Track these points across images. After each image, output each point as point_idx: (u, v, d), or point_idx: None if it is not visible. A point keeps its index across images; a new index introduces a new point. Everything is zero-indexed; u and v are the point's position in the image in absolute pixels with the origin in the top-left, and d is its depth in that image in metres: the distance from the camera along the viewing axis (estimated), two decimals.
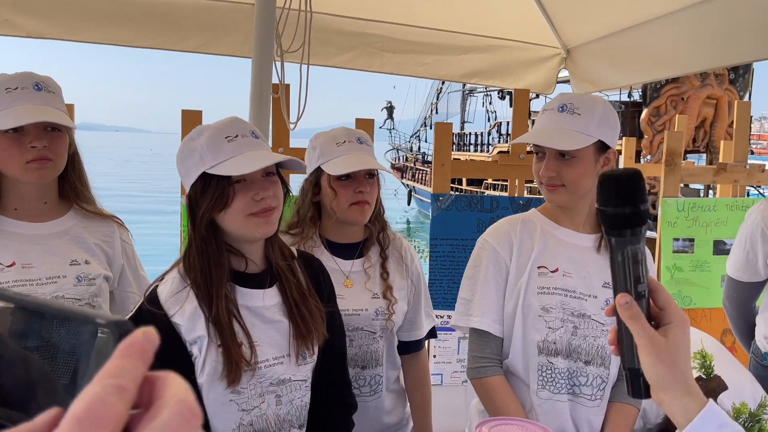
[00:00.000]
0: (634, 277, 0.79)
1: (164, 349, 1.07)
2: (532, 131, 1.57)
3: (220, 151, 1.24)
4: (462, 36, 3.54)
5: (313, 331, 1.35)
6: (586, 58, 3.53)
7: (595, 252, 1.62)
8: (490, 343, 1.62)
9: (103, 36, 3.11)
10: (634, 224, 0.78)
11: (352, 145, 1.73)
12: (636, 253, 0.79)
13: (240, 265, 1.33)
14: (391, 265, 1.82)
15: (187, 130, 2.55)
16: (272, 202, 1.28)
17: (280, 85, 2.08)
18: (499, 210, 2.68)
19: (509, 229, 1.65)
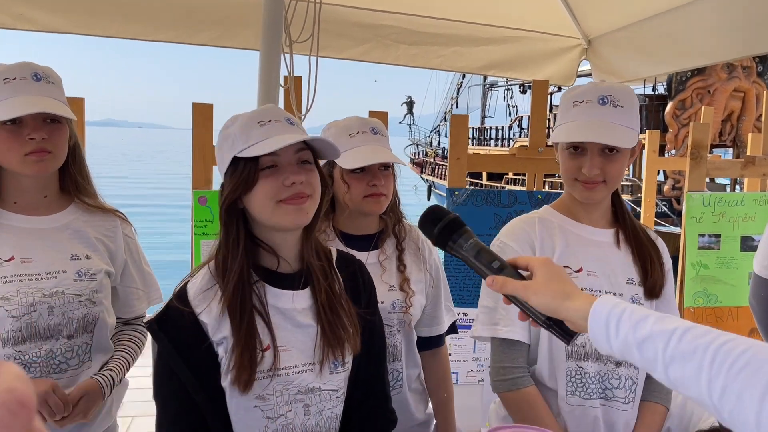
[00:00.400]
0: (485, 263, 1.03)
1: (192, 348, 0.98)
2: (575, 126, 1.45)
3: (250, 135, 1.19)
4: (479, 27, 3.46)
5: (344, 340, 1.27)
6: (608, 48, 3.43)
7: (615, 247, 1.55)
8: (519, 352, 1.52)
9: (116, 30, 3.10)
10: (446, 238, 1.06)
11: (366, 136, 1.67)
12: (471, 249, 1.04)
13: (272, 263, 1.26)
14: (407, 258, 1.76)
15: (199, 123, 2.55)
16: (305, 188, 1.20)
17: (289, 76, 2.02)
18: (517, 205, 2.60)
19: (527, 229, 1.56)
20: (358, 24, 3.26)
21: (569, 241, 1.53)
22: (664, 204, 13.59)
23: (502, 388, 1.52)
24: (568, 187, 1.53)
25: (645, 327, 0.87)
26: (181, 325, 1.19)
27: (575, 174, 1.48)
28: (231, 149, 1.20)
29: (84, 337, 1.56)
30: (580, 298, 0.97)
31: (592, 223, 1.56)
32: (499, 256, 1.05)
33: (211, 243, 2.45)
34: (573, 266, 1.50)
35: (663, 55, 3.07)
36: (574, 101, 1.46)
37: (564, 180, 1.52)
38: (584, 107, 1.44)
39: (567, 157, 1.49)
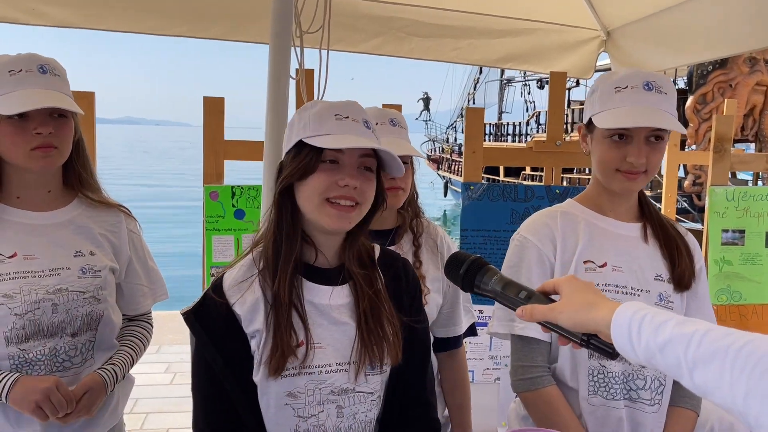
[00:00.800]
0: (513, 295, 1.03)
1: (226, 340, 0.96)
2: (623, 111, 1.38)
3: (323, 125, 1.17)
4: (495, 19, 3.39)
5: (384, 348, 1.23)
6: (627, 39, 3.35)
7: (642, 242, 1.49)
8: (539, 350, 1.47)
9: (128, 25, 3.08)
10: (472, 279, 1.08)
11: (384, 127, 1.64)
12: (497, 284, 1.06)
13: (310, 256, 1.23)
14: (424, 254, 1.72)
15: (210, 117, 2.53)
16: (357, 195, 1.17)
17: (299, 68, 1.98)
18: (534, 199, 2.54)
19: (549, 223, 1.50)
20: (371, 17, 3.21)
21: (593, 234, 1.47)
22: (685, 200, 13.39)
23: (521, 387, 1.47)
24: (605, 178, 1.46)
25: (665, 331, 0.84)
26: (216, 317, 1.18)
27: (618, 164, 1.41)
28: (301, 132, 1.18)
29: (87, 335, 1.53)
30: (604, 306, 0.93)
31: (619, 216, 1.50)
32: (525, 286, 1.04)
33: (223, 239, 2.42)
34: (596, 261, 1.44)
35: (685, 45, 2.98)
36: (616, 87, 1.40)
37: (602, 171, 1.45)
38: (629, 93, 1.38)
39: (609, 146, 1.42)
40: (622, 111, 1.37)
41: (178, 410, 3.88)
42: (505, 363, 2.59)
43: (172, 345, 5.12)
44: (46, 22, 3.03)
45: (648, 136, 1.39)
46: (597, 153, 1.46)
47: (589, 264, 1.44)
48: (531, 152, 2.63)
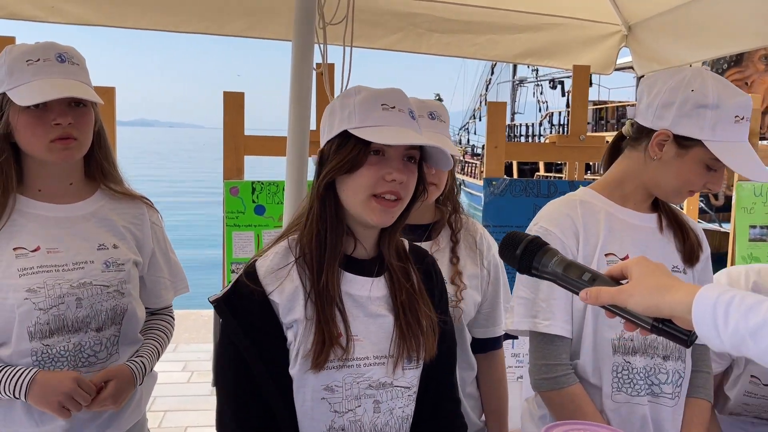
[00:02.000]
0: (576, 277, 0.97)
1: (260, 328, 0.91)
2: (744, 153, 1.32)
3: (369, 115, 1.13)
4: (515, 14, 3.36)
5: (421, 340, 1.21)
6: (649, 34, 3.30)
7: (658, 232, 1.47)
8: (562, 347, 1.43)
9: (147, 22, 3.08)
10: (530, 261, 1.01)
11: (423, 120, 1.59)
12: (558, 266, 0.99)
13: (348, 246, 1.20)
14: (462, 250, 1.68)
15: (230, 112, 2.52)
16: (401, 190, 1.14)
17: (323, 62, 1.96)
18: (557, 195, 2.48)
19: (570, 213, 1.46)
20: (391, 12, 3.19)
21: (613, 226, 1.45)
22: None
23: (544, 386, 1.43)
24: (672, 192, 1.42)
25: (759, 313, 0.78)
26: (250, 304, 1.14)
27: (698, 186, 1.39)
28: (345, 121, 1.15)
29: (112, 329, 1.51)
30: (682, 288, 0.86)
31: (637, 207, 1.48)
32: (590, 268, 0.98)
33: (243, 235, 2.40)
34: (618, 253, 1.41)
35: (707, 39, 2.93)
36: (736, 116, 1.32)
37: (677, 187, 1.41)
38: (741, 127, 1.33)
39: (702, 172, 1.37)
40: (738, 148, 1.31)
41: (195, 408, 3.87)
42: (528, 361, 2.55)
43: (189, 344, 5.13)
44: (66, 19, 3.03)
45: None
46: (685, 171, 1.38)
47: (611, 257, 1.41)
48: (554, 147, 2.59)
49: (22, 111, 1.38)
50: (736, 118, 1.31)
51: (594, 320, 1.40)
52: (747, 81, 14.63)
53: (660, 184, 1.42)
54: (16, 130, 1.40)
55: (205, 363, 4.63)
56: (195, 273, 7.14)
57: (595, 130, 19.81)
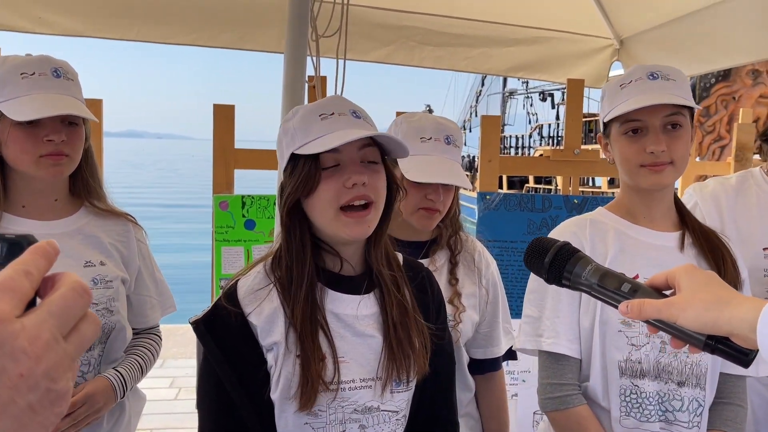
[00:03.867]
0: (614, 289, 0.84)
1: (239, 351, 0.82)
2: (630, 102, 1.34)
3: (310, 130, 1.09)
4: (507, 27, 3.35)
5: (411, 359, 1.15)
6: (641, 48, 3.30)
7: (678, 252, 1.41)
8: (568, 367, 1.39)
9: (135, 33, 3.04)
10: (560, 270, 0.89)
11: (438, 145, 1.53)
12: (593, 275, 0.86)
13: (334, 264, 1.16)
14: (461, 271, 1.63)
15: (220, 125, 2.48)
16: (368, 192, 1.08)
17: (315, 74, 1.93)
18: (552, 210, 2.48)
19: (577, 232, 1.43)
20: (383, 25, 3.17)
21: (624, 244, 1.40)
22: None
23: (550, 406, 1.39)
24: (631, 177, 1.40)
25: None
26: (229, 327, 1.09)
27: (639, 158, 1.35)
28: (290, 144, 1.10)
29: (98, 349, 1.46)
30: (745, 303, 0.75)
31: (654, 225, 1.43)
32: (629, 278, 0.86)
33: (232, 250, 2.36)
34: (628, 273, 1.37)
35: (700, 54, 2.93)
36: (621, 84, 1.37)
37: (626, 170, 1.40)
38: (634, 85, 1.34)
39: (626, 142, 1.37)
40: (629, 101, 1.34)
41: (182, 426, 3.79)
42: (522, 378, 2.52)
43: (177, 359, 5.04)
44: (53, 30, 2.99)
45: (664, 124, 1.34)
46: (617, 153, 1.41)
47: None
48: (548, 161, 2.57)
49: (13, 125, 1.34)
50: (622, 85, 1.36)
51: (602, 341, 1.36)
52: (735, 95, 14.73)
53: (624, 177, 1.42)
54: (4, 143, 1.36)
55: (192, 379, 4.54)
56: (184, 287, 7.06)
57: (585, 142, 19.94)
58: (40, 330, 0.40)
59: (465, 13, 3.25)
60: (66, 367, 0.41)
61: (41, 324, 0.40)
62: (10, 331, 0.39)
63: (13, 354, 0.39)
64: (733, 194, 1.73)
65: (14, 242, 0.45)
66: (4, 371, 0.38)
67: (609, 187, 17.06)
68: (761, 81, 14.23)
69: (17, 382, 0.39)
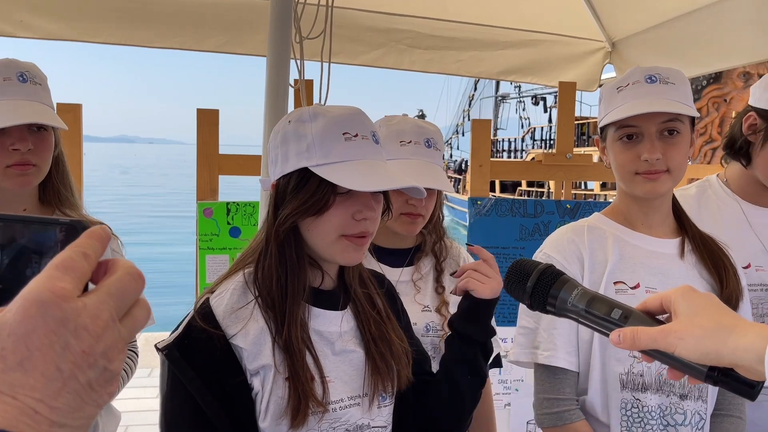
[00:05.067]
0: (604, 315, 0.77)
1: (223, 377, 0.75)
2: (626, 107, 1.29)
3: (332, 149, 1.01)
4: (498, 30, 3.31)
5: (394, 370, 1.11)
6: (633, 50, 3.26)
7: (679, 259, 1.36)
8: (566, 381, 1.33)
9: (119, 37, 2.99)
10: (544, 296, 0.81)
11: (419, 148, 1.49)
12: (580, 300, 0.79)
13: (315, 279, 1.10)
14: (447, 279, 1.58)
15: (204, 130, 2.42)
16: (371, 227, 1.05)
17: (300, 77, 1.88)
18: (544, 215, 2.43)
19: (575, 239, 1.38)
20: (372, 28, 3.12)
21: (624, 252, 1.35)
22: None
23: (546, 422, 1.33)
24: (626, 185, 1.35)
25: None
26: (210, 351, 1.00)
27: (634, 165, 1.31)
28: (304, 154, 1.02)
29: None
30: (749, 331, 0.67)
31: (652, 231, 1.38)
32: (619, 302, 0.79)
33: (217, 258, 2.29)
34: (628, 282, 1.32)
35: (693, 56, 2.89)
36: (618, 87, 1.32)
37: (621, 176, 1.35)
38: (631, 89, 1.30)
39: (621, 148, 1.33)
40: (624, 106, 1.29)
41: None
42: (516, 387, 2.46)
43: None
44: (35, 34, 2.94)
45: (660, 130, 1.29)
46: (613, 159, 1.36)
47: (620, 285, 1.32)
48: (540, 165, 2.52)
49: None
50: (619, 88, 1.31)
51: (602, 352, 1.30)
52: (726, 98, 14.82)
53: (620, 183, 1.37)
54: None
55: None
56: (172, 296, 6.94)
57: (578, 145, 19.97)
58: (100, 310, 0.42)
59: (455, 15, 3.21)
60: (119, 349, 0.43)
61: (101, 304, 0.42)
62: (74, 308, 0.41)
63: (76, 331, 0.40)
64: (696, 205, 1.66)
65: (70, 225, 0.47)
66: (67, 347, 0.40)
67: (601, 189, 17.06)
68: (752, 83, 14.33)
69: (79, 358, 0.40)
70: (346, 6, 2.97)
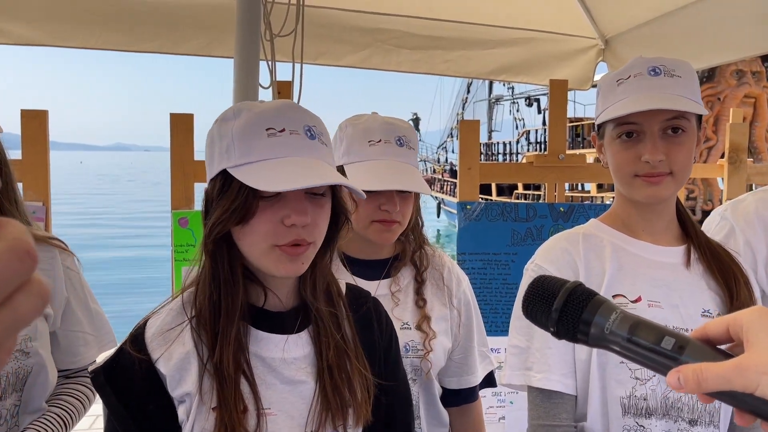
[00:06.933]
0: (652, 344, 0.60)
1: (144, 405, 0.53)
2: (626, 101, 1.17)
3: (252, 147, 0.91)
4: (487, 28, 3.23)
5: (348, 407, 0.99)
6: (626, 47, 3.18)
7: (684, 268, 1.23)
8: (562, 405, 1.21)
9: (95, 41, 2.89)
10: (574, 323, 0.65)
11: (389, 147, 1.35)
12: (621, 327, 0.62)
13: (257, 297, 0.99)
14: (428, 291, 1.45)
15: (177, 138, 2.32)
16: (306, 234, 0.93)
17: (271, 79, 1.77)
18: (537, 219, 2.33)
19: (569, 248, 1.25)
20: (357, 28, 3.03)
21: (623, 262, 1.22)
22: None
23: None
24: (625, 188, 1.23)
25: None
26: (133, 376, 0.92)
27: (633, 167, 1.18)
28: (224, 155, 0.92)
29: (13, 398, 1.26)
30: None
31: (654, 239, 1.25)
32: (669, 329, 0.62)
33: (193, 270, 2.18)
34: (628, 295, 1.20)
35: (685, 52, 2.80)
36: (618, 80, 1.19)
37: (619, 179, 1.23)
38: (632, 82, 1.17)
39: (619, 148, 1.20)
40: (625, 101, 1.17)
41: None
42: (510, 400, 2.36)
43: None
44: (8, 40, 2.85)
45: (664, 128, 1.16)
46: (610, 159, 1.24)
47: (620, 299, 1.19)
48: (532, 168, 2.42)
49: None
50: (619, 81, 1.19)
51: (601, 374, 1.18)
52: (719, 96, 14.78)
53: (618, 186, 1.25)
54: None
55: None
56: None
57: (572, 147, 19.89)
58: None
59: (442, 14, 3.12)
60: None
61: None
62: None
63: None
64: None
65: None
66: None
67: (598, 191, 16.97)
68: (745, 81, 14.26)
69: None
70: (328, 6, 2.89)
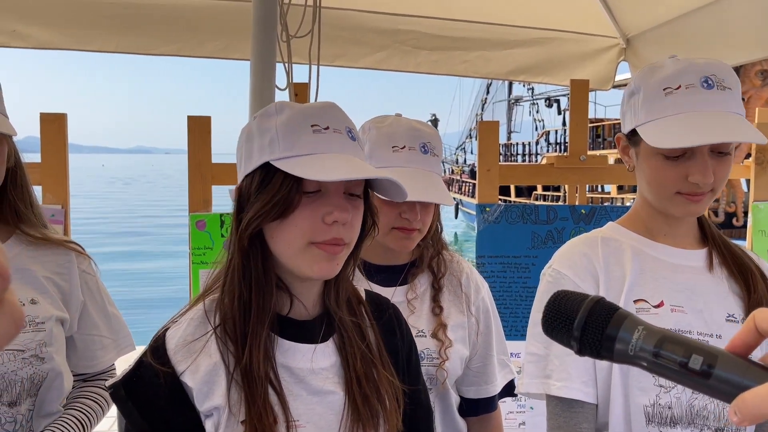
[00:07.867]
0: (680, 361, 0.55)
1: (171, 422, 0.54)
2: (680, 122, 1.09)
3: (297, 141, 0.90)
4: (507, 28, 3.19)
5: (378, 417, 0.97)
6: (648, 46, 3.12)
7: (707, 272, 1.19)
8: (582, 414, 1.16)
9: (115, 45, 2.92)
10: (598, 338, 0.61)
11: (413, 154, 1.33)
12: (647, 342, 0.58)
13: (283, 306, 0.97)
14: (446, 298, 1.43)
15: (195, 138, 2.32)
16: (344, 233, 0.92)
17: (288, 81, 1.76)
18: (558, 221, 2.29)
19: (588, 252, 1.21)
20: (375, 29, 3.02)
21: (644, 266, 1.18)
22: None
23: None
24: (660, 202, 1.18)
25: None
26: (157, 390, 0.89)
27: (678, 185, 1.13)
28: (266, 149, 0.91)
29: (28, 403, 1.25)
30: None
31: (675, 242, 1.21)
32: (698, 342, 0.57)
33: None
34: (650, 300, 1.16)
35: (708, 51, 2.74)
36: (666, 88, 1.10)
37: (657, 193, 1.17)
38: (684, 94, 1.08)
39: (664, 164, 1.13)
40: (678, 122, 1.08)
41: None
42: (530, 405, 2.32)
43: None
44: (29, 44, 2.88)
45: (714, 149, 1.10)
46: (647, 172, 1.17)
47: (642, 304, 1.16)
48: (552, 169, 2.38)
49: None
50: (666, 90, 1.09)
51: (623, 382, 1.14)
52: (743, 96, 14.54)
53: (650, 197, 1.19)
54: None
55: None
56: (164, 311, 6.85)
57: (593, 148, 19.70)
58: None
59: (461, 14, 3.10)
60: None
61: None
62: None
63: None
64: None
65: None
66: None
67: (618, 192, 16.77)
68: None
69: None
70: (346, 7, 2.87)
